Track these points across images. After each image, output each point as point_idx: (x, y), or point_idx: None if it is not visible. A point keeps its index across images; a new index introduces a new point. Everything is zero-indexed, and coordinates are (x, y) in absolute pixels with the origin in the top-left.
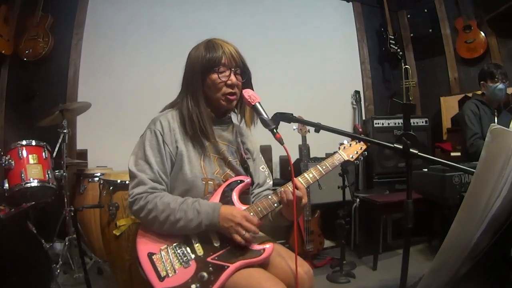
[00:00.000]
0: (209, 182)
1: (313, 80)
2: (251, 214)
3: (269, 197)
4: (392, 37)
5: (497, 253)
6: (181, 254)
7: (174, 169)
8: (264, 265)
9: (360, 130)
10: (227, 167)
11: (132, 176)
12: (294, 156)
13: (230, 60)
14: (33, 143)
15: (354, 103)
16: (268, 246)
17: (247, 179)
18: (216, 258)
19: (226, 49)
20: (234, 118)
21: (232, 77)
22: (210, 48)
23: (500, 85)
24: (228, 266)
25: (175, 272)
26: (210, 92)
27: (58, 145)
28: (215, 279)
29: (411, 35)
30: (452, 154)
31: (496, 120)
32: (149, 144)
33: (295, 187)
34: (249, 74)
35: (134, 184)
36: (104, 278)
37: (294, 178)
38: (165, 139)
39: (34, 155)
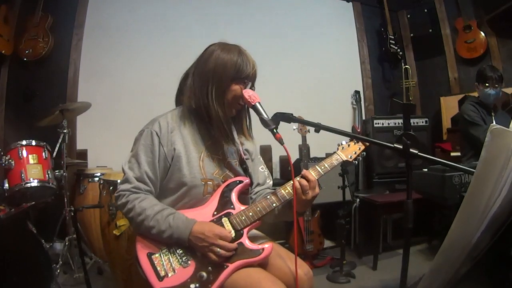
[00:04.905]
0: (208, 182)
1: (313, 80)
2: (250, 213)
3: (268, 197)
4: (392, 37)
5: (497, 253)
6: (180, 254)
7: (172, 170)
8: (263, 265)
9: (358, 130)
10: (226, 168)
11: (123, 172)
12: (294, 156)
13: (254, 77)
14: (33, 143)
15: (354, 103)
16: (267, 245)
17: (246, 180)
18: None
19: (254, 65)
20: None
21: None
22: (244, 59)
23: (490, 91)
24: (227, 266)
25: (174, 272)
26: (229, 95)
27: (58, 145)
28: (214, 278)
29: (411, 35)
30: (452, 154)
31: (494, 120)
32: (143, 144)
33: (307, 179)
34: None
35: (122, 180)
36: (104, 278)
37: (294, 178)
38: (161, 141)
39: (34, 155)
